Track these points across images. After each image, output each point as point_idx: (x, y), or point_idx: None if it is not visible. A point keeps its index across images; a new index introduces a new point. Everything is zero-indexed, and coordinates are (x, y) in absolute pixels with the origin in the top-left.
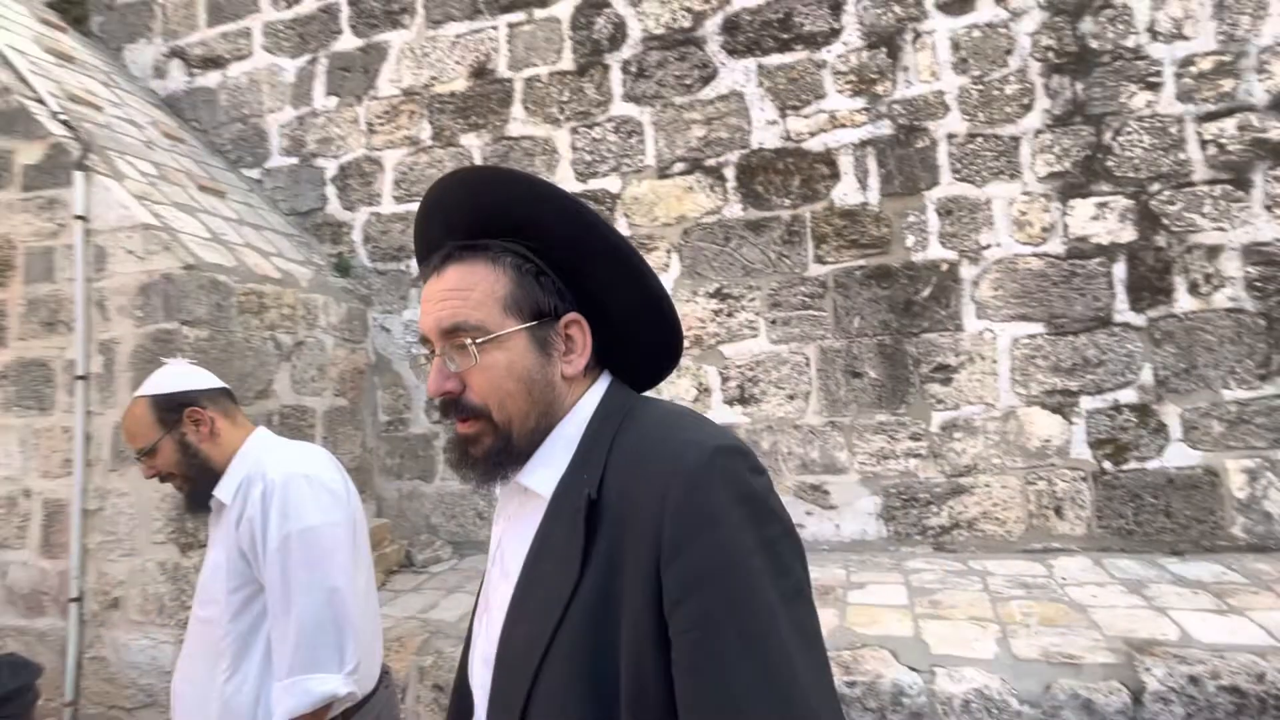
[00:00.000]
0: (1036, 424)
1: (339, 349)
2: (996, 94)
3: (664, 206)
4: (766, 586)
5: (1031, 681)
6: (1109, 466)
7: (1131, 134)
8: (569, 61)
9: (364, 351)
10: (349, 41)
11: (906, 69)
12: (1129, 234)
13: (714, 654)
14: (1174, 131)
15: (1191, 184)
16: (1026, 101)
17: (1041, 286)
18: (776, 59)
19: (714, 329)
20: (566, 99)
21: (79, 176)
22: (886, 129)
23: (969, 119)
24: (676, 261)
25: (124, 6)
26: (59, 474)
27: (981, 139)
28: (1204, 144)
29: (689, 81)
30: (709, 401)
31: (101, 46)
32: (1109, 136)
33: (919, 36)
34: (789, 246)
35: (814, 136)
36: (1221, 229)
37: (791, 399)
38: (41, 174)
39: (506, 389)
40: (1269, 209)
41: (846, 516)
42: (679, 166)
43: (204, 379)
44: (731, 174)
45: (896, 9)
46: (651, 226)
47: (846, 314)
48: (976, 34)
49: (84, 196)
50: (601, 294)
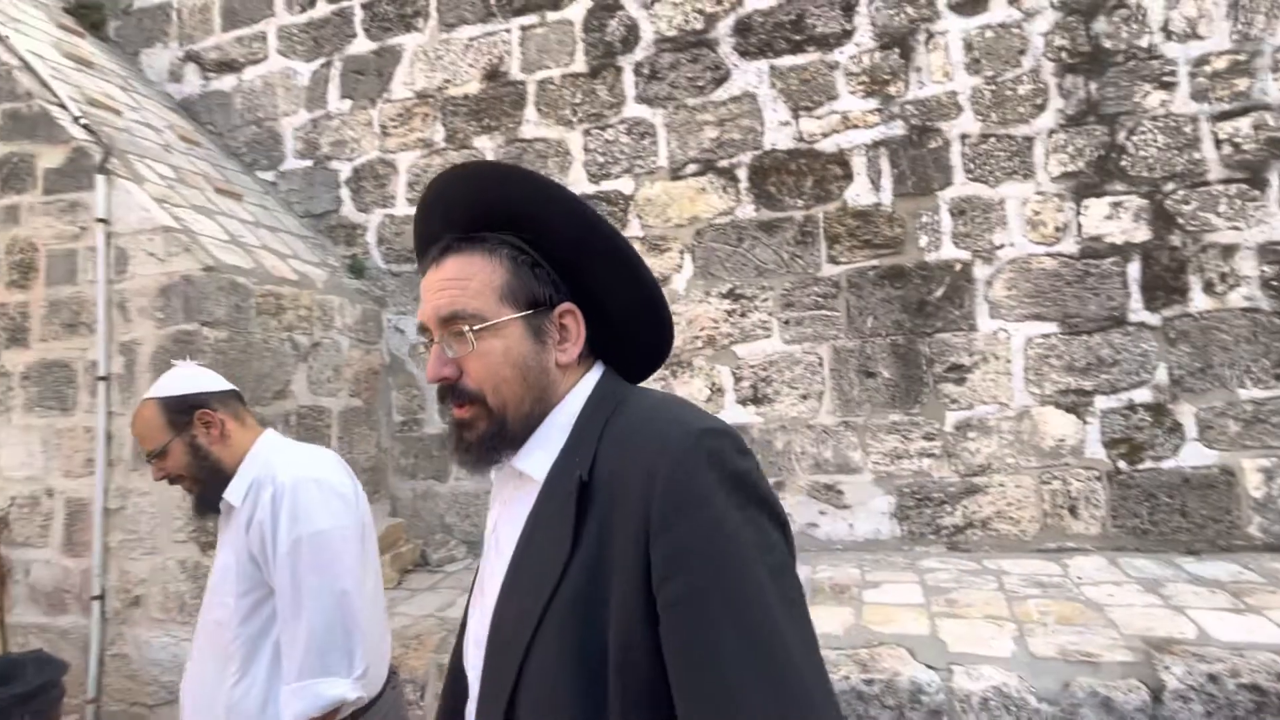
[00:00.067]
0: (1051, 423)
1: (354, 350)
2: (1010, 94)
3: (677, 208)
4: (754, 559)
5: (1050, 679)
6: (1124, 466)
7: (1145, 133)
8: (581, 64)
9: (378, 352)
10: (363, 45)
11: (919, 69)
12: (1143, 233)
13: (703, 628)
14: (1188, 131)
15: (1206, 183)
16: (1040, 101)
17: (1055, 286)
18: (789, 60)
19: (727, 329)
20: (579, 101)
21: (100, 180)
22: (899, 129)
23: (982, 119)
24: (689, 262)
25: (140, 11)
26: (81, 473)
27: (995, 139)
28: (1219, 143)
29: (701, 83)
30: (722, 401)
31: (118, 51)
32: (1123, 136)
33: (931, 37)
34: (802, 247)
35: (827, 137)
36: (1236, 228)
37: (805, 399)
38: (63, 177)
39: (502, 375)
40: None
41: (860, 516)
42: (692, 168)
43: (214, 381)
44: (744, 175)
45: (909, 10)
46: (664, 228)
47: (860, 314)
48: (989, 34)
49: (105, 199)
50: (601, 293)
